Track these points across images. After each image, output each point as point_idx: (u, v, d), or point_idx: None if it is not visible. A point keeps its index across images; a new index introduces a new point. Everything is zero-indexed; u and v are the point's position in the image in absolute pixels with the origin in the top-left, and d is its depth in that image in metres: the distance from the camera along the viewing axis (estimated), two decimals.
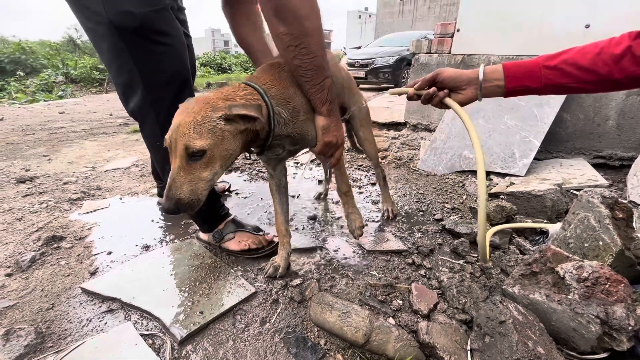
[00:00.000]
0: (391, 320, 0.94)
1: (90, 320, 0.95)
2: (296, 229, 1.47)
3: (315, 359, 0.83)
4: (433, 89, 0.96)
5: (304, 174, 2.18)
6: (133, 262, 1.22)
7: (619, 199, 1.08)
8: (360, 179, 2.07)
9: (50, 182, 2.03)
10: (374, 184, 1.98)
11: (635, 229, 1.25)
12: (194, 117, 0.74)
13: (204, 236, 1.32)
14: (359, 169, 2.25)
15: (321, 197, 1.79)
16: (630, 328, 0.76)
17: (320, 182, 2.05)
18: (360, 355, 0.85)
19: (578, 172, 1.76)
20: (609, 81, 0.82)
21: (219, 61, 13.23)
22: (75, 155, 2.66)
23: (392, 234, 1.41)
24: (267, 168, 1.14)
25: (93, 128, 3.74)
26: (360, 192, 1.87)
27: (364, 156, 2.31)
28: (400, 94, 1.06)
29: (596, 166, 1.91)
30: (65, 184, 1.99)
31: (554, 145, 2.10)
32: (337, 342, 0.88)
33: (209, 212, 1.28)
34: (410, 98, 1.03)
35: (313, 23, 0.81)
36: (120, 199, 1.81)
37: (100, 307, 1.01)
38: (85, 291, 1.07)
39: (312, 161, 2.42)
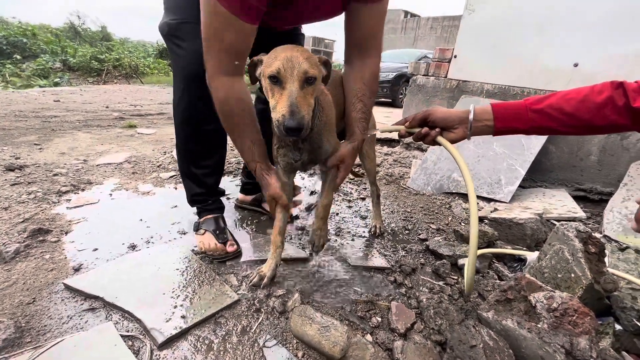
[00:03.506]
0: (369, 337, 0.96)
1: (71, 318, 0.96)
2: None
3: None
4: (425, 129, 1.01)
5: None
6: (118, 260, 1.22)
7: (593, 234, 1.14)
8: (351, 193, 2.11)
9: (40, 172, 2.01)
10: (363, 199, 2.02)
11: (607, 264, 1.31)
12: (301, 53, 0.88)
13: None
14: (349, 183, 2.29)
15: (312, 209, 1.82)
16: None
17: (312, 193, 2.08)
18: None
19: (559, 203, 1.83)
20: (590, 127, 0.88)
21: None
22: (68, 147, 2.64)
23: (377, 251, 1.44)
24: (280, 177, 1.15)
25: (87, 119, 3.72)
26: (350, 207, 1.90)
27: (356, 169, 2.35)
28: (391, 131, 1.11)
29: (577, 198, 1.99)
30: (55, 175, 1.98)
31: (539, 175, 2.18)
32: (314, 355, 0.90)
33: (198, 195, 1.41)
34: (401, 136, 1.08)
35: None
36: (110, 195, 1.80)
37: (82, 304, 1.01)
38: (67, 287, 1.07)
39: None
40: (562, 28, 2.02)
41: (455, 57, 2.53)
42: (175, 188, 1.95)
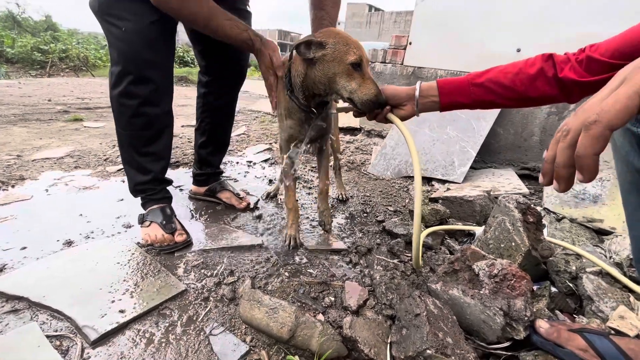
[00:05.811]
0: (321, 316, 0.95)
1: None
2: (239, 226, 1.45)
3: (239, 356, 0.82)
4: None
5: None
6: (50, 258, 1.11)
7: (531, 205, 1.21)
8: (312, 180, 2.09)
9: None
10: None
11: (545, 233, 1.40)
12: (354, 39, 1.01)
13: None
14: (312, 171, 2.27)
15: (270, 197, 1.78)
16: (526, 319, 0.85)
17: (271, 182, 2.04)
18: (285, 350, 0.85)
19: (506, 182, 1.94)
20: (526, 99, 0.92)
21: (182, 54, 12.69)
22: None
23: (335, 234, 1.44)
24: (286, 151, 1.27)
25: (25, 113, 3.37)
26: (309, 193, 1.89)
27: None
28: (347, 111, 1.11)
29: (522, 176, 2.11)
30: None
31: (488, 156, 2.29)
32: (263, 339, 0.87)
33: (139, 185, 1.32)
34: (356, 115, 1.08)
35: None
36: (47, 190, 1.64)
37: (2, 307, 0.91)
38: None
39: (266, 160, 2.41)
40: (505, 15, 2.13)
41: (410, 44, 2.58)
42: (123, 181, 1.82)
